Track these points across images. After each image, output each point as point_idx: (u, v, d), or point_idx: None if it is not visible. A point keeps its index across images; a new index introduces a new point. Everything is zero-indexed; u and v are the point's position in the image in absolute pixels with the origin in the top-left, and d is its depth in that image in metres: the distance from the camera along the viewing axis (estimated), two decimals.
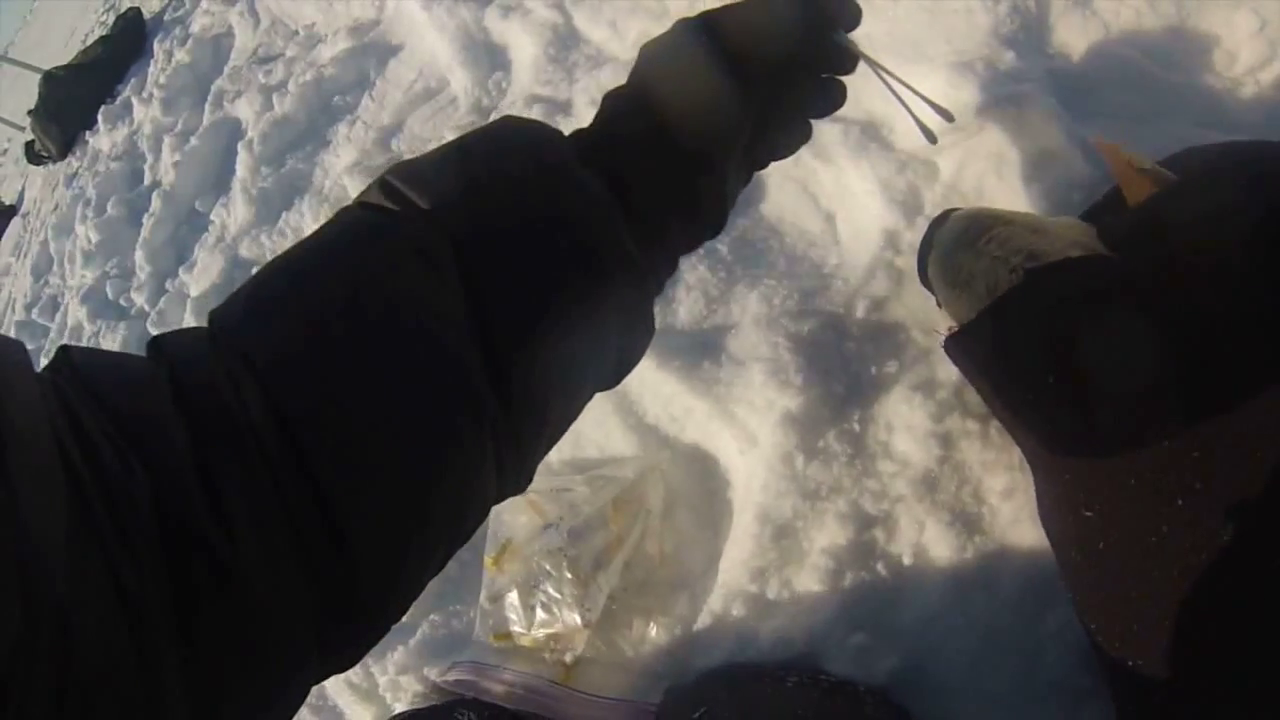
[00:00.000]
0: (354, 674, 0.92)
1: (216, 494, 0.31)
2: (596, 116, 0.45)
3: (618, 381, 0.47)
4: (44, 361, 0.34)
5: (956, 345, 0.70)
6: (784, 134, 0.47)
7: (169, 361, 0.34)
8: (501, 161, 0.41)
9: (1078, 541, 0.58)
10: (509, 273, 0.39)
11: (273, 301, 0.37)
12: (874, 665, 0.72)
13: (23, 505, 0.25)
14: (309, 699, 0.92)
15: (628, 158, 0.43)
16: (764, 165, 0.49)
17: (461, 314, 0.37)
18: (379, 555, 0.35)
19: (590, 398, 0.46)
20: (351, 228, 0.40)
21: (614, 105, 0.45)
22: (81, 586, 0.26)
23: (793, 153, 0.49)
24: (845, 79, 0.47)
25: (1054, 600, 0.67)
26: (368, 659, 0.90)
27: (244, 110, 2.19)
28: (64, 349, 0.34)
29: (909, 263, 0.82)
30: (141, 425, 0.31)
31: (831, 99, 0.47)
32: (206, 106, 2.37)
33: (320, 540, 0.33)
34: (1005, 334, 0.62)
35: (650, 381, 0.90)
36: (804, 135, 0.48)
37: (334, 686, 0.94)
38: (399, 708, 0.89)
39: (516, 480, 0.42)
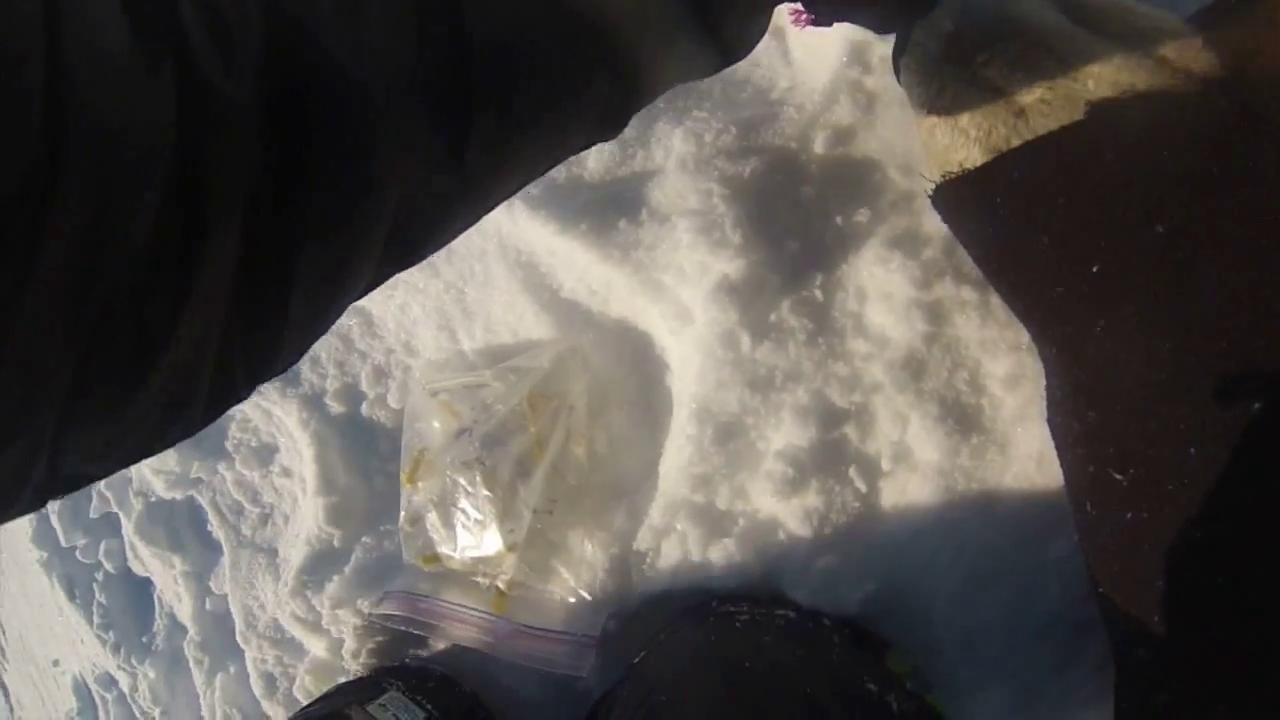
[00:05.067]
0: (298, 608, 0.84)
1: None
2: None
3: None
4: None
5: (947, 201, 0.49)
6: None
7: None
8: None
9: (1096, 499, 0.42)
10: None
11: None
12: (844, 593, 0.60)
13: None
14: (267, 633, 0.84)
15: None
16: None
17: None
18: (492, 142, 0.34)
19: None
20: None
21: None
22: (141, 104, 0.24)
23: None
24: None
25: (1063, 522, 0.53)
26: (307, 591, 0.83)
27: None
28: None
29: (881, 83, 0.59)
30: None
31: None
32: None
33: (457, 104, 0.32)
34: (1019, 210, 0.42)
35: (560, 250, 0.70)
36: None
37: (286, 621, 0.87)
38: (347, 641, 0.81)
39: (610, 135, 0.42)
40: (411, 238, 0.35)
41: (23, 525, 1.18)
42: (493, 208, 0.39)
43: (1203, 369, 0.38)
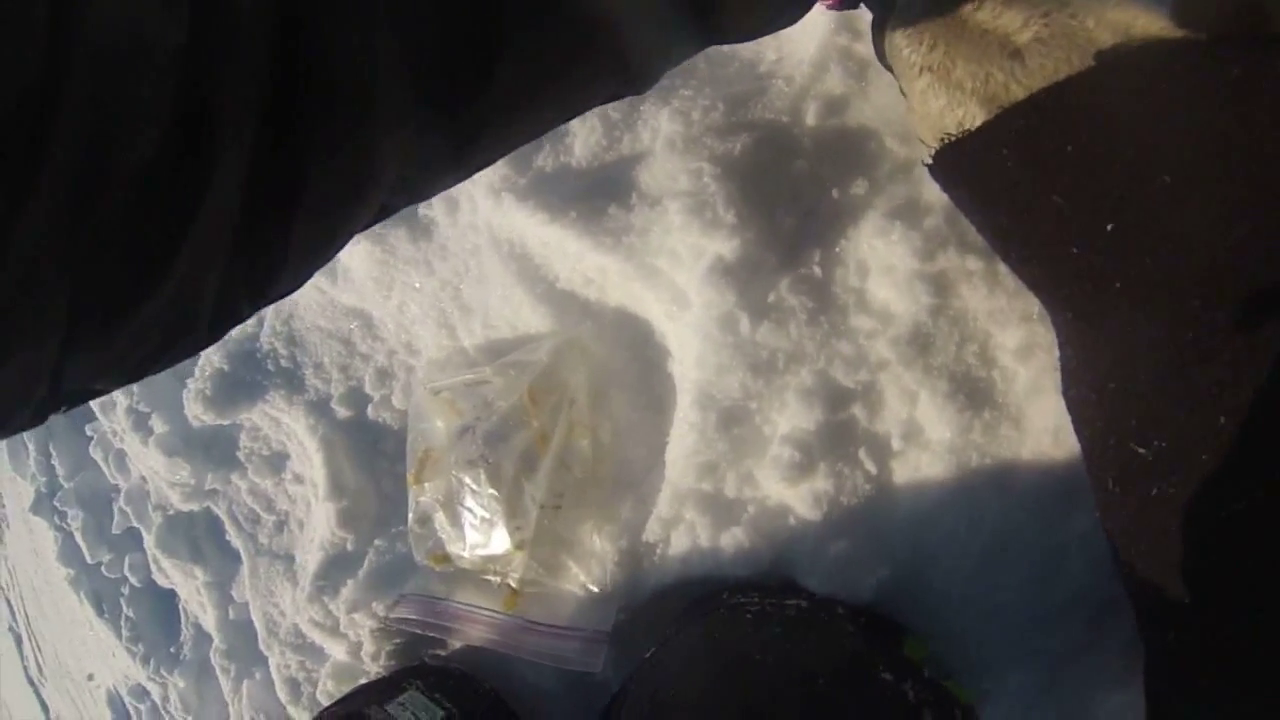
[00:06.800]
0: (316, 614, 0.84)
1: None
2: None
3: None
4: None
5: (948, 167, 0.47)
6: None
7: None
8: None
9: (1118, 475, 0.40)
10: None
11: None
12: (858, 578, 0.58)
13: None
14: (288, 639, 0.84)
15: None
16: None
17: None
18: (506, 100, 0.33)
19: None
20: None
21: None
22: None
23: None
24: None
25: (1083, 497, 0.50)
26: (324, 596, 0.83)
27: None
28: None
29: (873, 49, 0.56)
30: None
31: None
32: None
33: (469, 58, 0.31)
34: (1027, 166, 0.40)
35: (552, 239, 0.69)
36: None
37: (305, 627, 0.87)
38: (365, 644, 0.81)
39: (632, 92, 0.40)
40: (413, 182, 0.35)
41: (49, 545, 1.19)
42: (503, 155, 0.38)
43: (1232, 324, 0.36)
